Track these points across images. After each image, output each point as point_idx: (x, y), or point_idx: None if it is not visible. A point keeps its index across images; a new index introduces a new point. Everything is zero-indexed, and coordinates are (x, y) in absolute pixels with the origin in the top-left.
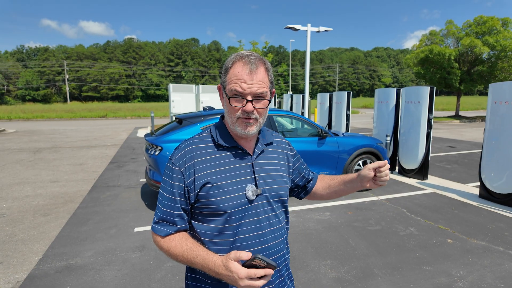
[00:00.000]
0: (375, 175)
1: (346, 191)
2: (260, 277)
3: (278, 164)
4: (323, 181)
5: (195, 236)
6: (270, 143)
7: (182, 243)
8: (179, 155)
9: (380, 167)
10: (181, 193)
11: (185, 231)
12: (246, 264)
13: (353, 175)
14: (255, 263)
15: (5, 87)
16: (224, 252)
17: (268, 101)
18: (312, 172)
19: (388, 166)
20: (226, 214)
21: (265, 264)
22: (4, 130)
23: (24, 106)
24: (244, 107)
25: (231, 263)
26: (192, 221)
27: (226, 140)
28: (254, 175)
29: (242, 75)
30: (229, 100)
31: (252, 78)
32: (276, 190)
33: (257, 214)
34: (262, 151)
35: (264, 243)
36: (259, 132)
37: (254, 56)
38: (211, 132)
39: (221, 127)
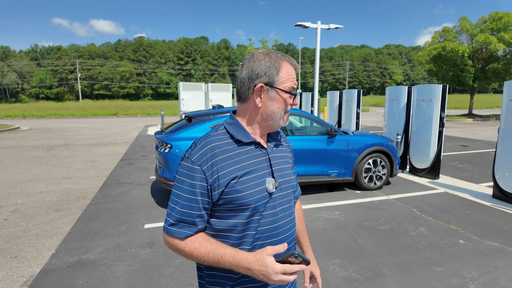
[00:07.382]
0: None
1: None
2: (292, 273)
3: (287, 157)
4: (296, 209)
5: (214, 234)
6: (277, 138)
7: (205, 243)
8: (200, 153)
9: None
10: (203, 193)
11: (203, 231)
12: (280, 260)
13: (306, 247)
14: (290, 259)
15: (20, 85)
16: (246, 246)
17: None
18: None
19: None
20: (250, 208)
21: (300, 260)
22: (18, 127)
23: (38, 104)
24: (294, 101)
25: (267, 258)
26: (210, 219)
27: (244, 136)
28: (271, 168)
29: (293, 74)
30: (287, 96)
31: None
32: (289, 181)
33: (274, 207)
34: (275, 145)
35: (279, 235)
36: None
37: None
38: (226, 129)
39: (236, 124)
